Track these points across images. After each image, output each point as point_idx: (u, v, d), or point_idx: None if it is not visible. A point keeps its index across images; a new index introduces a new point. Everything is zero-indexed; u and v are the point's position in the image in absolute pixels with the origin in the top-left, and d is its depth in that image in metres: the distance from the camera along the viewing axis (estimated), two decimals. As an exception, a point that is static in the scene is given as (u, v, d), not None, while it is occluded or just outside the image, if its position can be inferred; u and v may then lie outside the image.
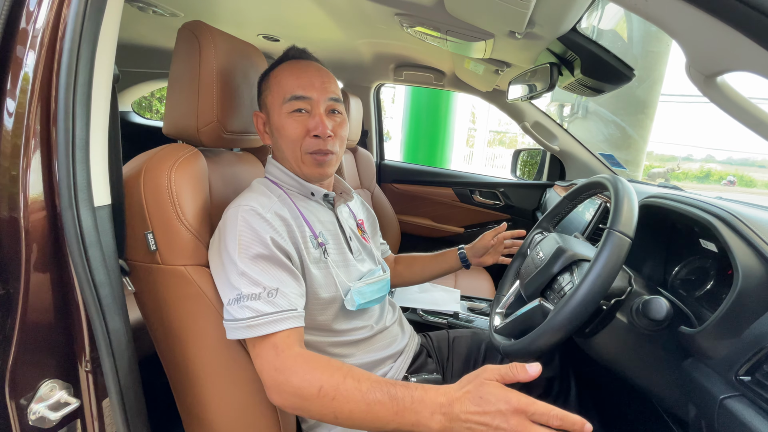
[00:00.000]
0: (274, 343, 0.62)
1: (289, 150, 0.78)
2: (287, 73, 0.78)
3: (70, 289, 0.56)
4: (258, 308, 0.62)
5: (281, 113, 0.76)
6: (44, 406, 0.55)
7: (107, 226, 0.58)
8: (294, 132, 0.76)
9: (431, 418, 0.52)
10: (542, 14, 0.85)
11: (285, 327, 0.62)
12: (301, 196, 0.82)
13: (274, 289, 0.64)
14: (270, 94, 0.79)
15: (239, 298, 0.63)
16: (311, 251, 0.74)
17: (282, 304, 0.63)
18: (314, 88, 0.76)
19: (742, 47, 0.41)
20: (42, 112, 0.53)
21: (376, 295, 0.84)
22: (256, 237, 0.66)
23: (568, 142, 1.94)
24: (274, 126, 0.79)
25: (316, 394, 0.57)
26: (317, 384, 0.57)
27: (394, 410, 0.54)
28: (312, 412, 0.58)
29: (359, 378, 0.57)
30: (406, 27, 1.22)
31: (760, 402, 0.50)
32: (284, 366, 0.60)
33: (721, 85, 0.49)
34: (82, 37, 0.52)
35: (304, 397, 0.57)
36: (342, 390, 0.56)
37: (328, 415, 0.57)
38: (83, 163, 0.53)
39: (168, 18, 1.53)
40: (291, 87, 0.76)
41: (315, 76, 0.78)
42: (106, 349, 0.57)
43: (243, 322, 0.62)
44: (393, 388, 0.56)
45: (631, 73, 1.01)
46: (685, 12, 0.42)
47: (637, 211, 0.63)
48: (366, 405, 0.55)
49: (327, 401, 0.56)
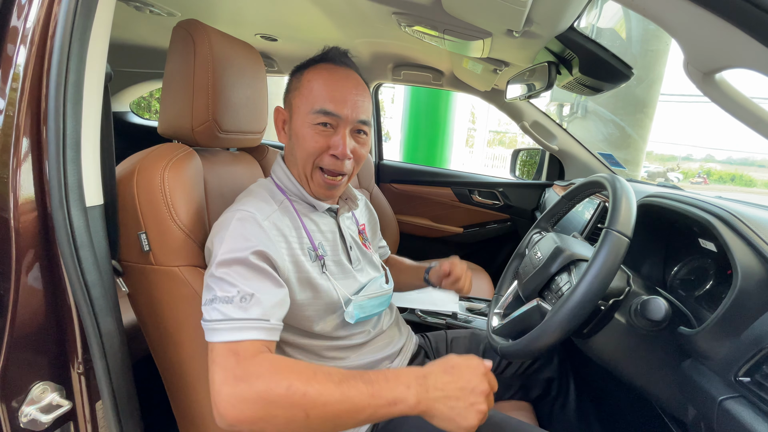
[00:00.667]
0: (235, 350, 0.55)
1: (302, 160, 0.74)
2: (322, 81, 0.72)
3: (61, 291, 0.55)
4: (226, 312, 0.57)
5: (305, 121, 0.72)
6: (36, 409, 0.54)
7: (99, 226, 0.58)
8: (313, 146, 0.72)
9: (407, 391, 0.52)
10: (540, 12, 0.85)
11: (249, 337, 0.56)
12: (303, 203, 0.79)
13: (248, 294, 0.59)
14: (298, 95, 0.74)
15: (213, 299, 0.58)
16: (309, 263, 0.72)
17: (253, 312, 0.58)
18: (347, 106, 0.71)
19: (741, 44, 0.41)
20: (32, 110, 0.52)
21: (376, 309, 0.82)
22: (244, 242, 0.62)
23: (567, 141, 1.93)
24: (294, 130, 0.75)
25: (284, 394, 0.51)
26: (285, 383, 0.52)
27: (369, 393, 0.52)
28: (277, 418, 0.51)
29: (329, 371, 0.55)
30: (404, 26, 1.22)
31: (759, 403, 0.50)
32: (247, 372, 0.53)
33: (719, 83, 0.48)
34: (72, 35, 0.52)
35: (269, 401, 0.51)
36: (314, 383, 0.52)
37: (298, 416, 0.51)
38: (74, 163, 0.52)
39: (165, 18, 1.53)
40: (323, 98, 0.71)
41: (350, 93, 0.72)
42: (98, 350, 0.56)
43: (208, 324, 0.57)
44: (366, 374, 0.55)
45: (629, 72, 1.01)
46: (682, 8, 0.41)
47: (636, 211, 0.63)
48: (340, 393, 0.52)
49: (297, 398, 0.51)
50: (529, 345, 0.65)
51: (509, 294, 0.89)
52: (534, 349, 0.64)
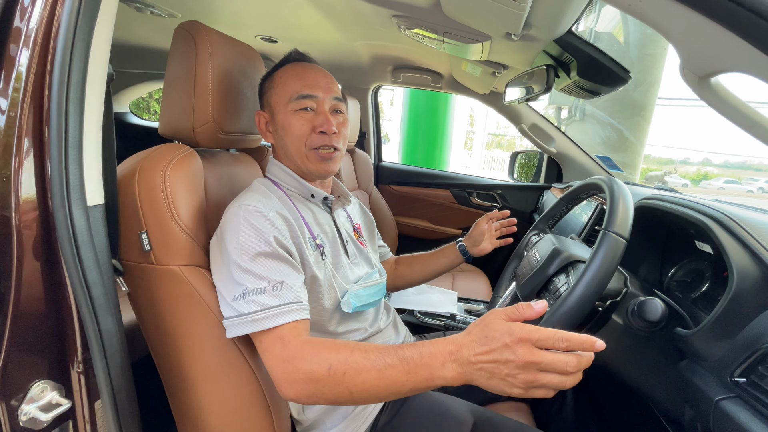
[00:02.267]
0: (280, 335, 0.61)
1: (294, 147, 0.79)
2: (292, 74, 0.80)
3: (62, 289, 0.55)
4: (263, 302, 0.62)
5: (287, 111, 0.78)
6: (35, 407, 0.54)
7: (100, 225, 0.58)
8: (300, 129, 0.78)
9: (443, 367, 0.52)
10: (538, 16, 0.86)
11: (291, 319, 0.62)
12: (300, 197, 0.82)
13: (279, 283, 0.64)
14: (275, 94, 0.80)
15: (245, 293, 0.62)
16: (310, 252, 0.75)
17: (287, 297, 0.64)
18: (319, 87, 0.79)
19: (736, 48, 0.41)
20: (35, 110, 0.52)
21: (372, 299, 0.84)
22: (258, 235, 0.66)
23: (565, 144, 1.94)
24: (279, 124, 0.80)
25: (326, 374, 0.56)
26: (326, 364, 0.57)
27: (406, 370, 0.54)
28: (326, 395, 0.57)
29: (366, 349, 0.57)
30: (404, 29, 1.23)
31: (755, 403, 0.50)
32: (291, 355, 0.59)
33: (714, 86, 0.49)
34: (75, 36, 0.52)
35: (315, 380, 0.57)
36: (351, 363, 0.56)
37: (343, 392, 0.56)
38: (76, 163, 0.52)
39: (165, 19, 1.53)
40: (297, 87, 0.78)
41: (320, 77, 0.81)
42: (98, 349, 0.56)
43: (248, 317, 0.62)
44: (401, 350, 0.55)
45: (627, 76, 1.02)
46: (678, 12, 0.42)
47: (633, 213, 0.63)
48: (378, 372, 0.55)
49: (338, 377, 0.55)
50: (527, 345, 0.65)
51: (507, 295, 0.90)
52: (532, 349, 0.64)
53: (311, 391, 0.57)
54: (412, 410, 0.80)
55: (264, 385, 0.71)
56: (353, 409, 0.77)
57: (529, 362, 0.46)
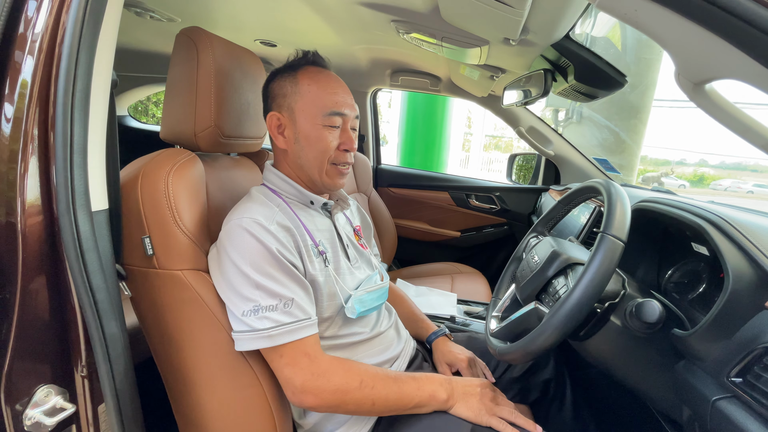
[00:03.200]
0: (305, 351, 0.67)
1: (316, 159, 0.79)
2: (323, 85, 0.79)
3: (66, 294, 0.56)
4: (277, 318, 0.65)
5: (316, 123, 0.77)
6: (40, 412, 0.54)
7: (104, 230, 0.58)
8: (330, 144, 0.78)
9: (440, 388, 0.75)
10: (536, 22, 0.87)
11: (305, 335, 0.67)
12: (300, 204, 0.82)
13: (289, 300, 0.67)
14: (301, 100, 0.78)
15: (257, 309, 0.65)
16: (313, 260, 0.75)
17: (298, 314, 0.68)
18: (347, 105, 0.80)
19: (729, 56, 0.43)
20: (40, 117, 0.53)
21: (375, 303, 0.84)
22: (264, 249, 0.67)
23: (562, 146, 1.96)
24: (303, 134, 0.78)
25: (357, 387, 0.68)
26: (358, 378, 0.69)
27: (416, 386, 0.73)
28: (349, 404, 0.68)
29: (386, 371, 0.74)
30: (402, 33, 1.24)
31: (751, 403, 0.51)
32: (322, 369, 0.67)
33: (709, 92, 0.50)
34: (81, 43, 0.53)
35: (345, 392, 0.67)
36: (378, 379, 0.70)
37: (366, 404, 0.69)
38: (81, 168, 0.53)
39: (165, 23, 1.54)
40: (331, 102, 0.78)
41: (348, 95, 0.81)
42: (102, 354, 0.57)
43: (263, 332, 0.65)
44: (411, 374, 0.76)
45: (623, 80, 1.03)
46: (673, 21, 0.43)
47: (630, 215, 0.64)
48: (397, 388, 0.71)
49: (367, 391, 0.68)
50: (526, 347, 0.66)
51: (507, 297, 0.90)
52: (532, 351, 0.65)
53: (337, 401, 0.67)
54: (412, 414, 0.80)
55: (266, 388, 0.71)
56: (354, 413, 0.78)
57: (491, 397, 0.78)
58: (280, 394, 0.73)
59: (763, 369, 0.51)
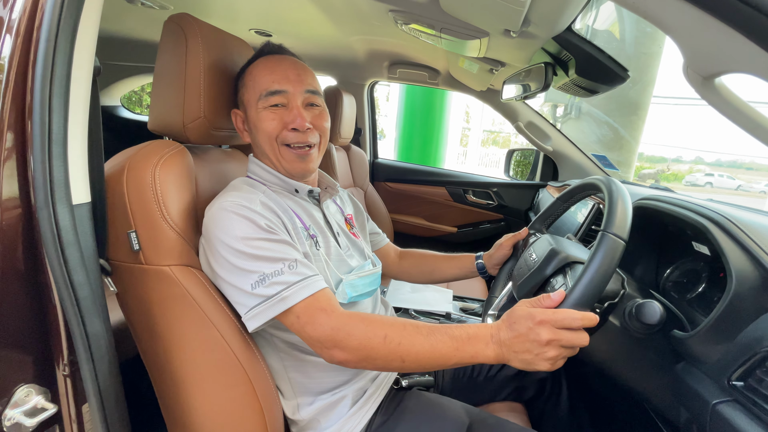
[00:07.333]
0: (320, 306, 0.63)
1: (267, 145, 0.77)
2: (262, 69, 0.77)
3: (46, 291, 0.53)
4: (286, 280, 0.63)
5: (257, 109, 0.75)
6: (20, 412, 0.52)
7: (87, 224, 0.56)
8: (270, 126, 0.75)
9: (486, 347, 0.61)
10: (538, 13, 0.84)
11: (317, 289, 0.64)
12: (285, 193, 0.80)
13: (293, 261, 0.65)
14: (246, 91, 0.77)
15: (263, 278, 0.63)
16: (303, 241, 0.73)
17: (305, 272, 0.65)
18: (289, 81, 0.75)
19: (741, 48, 0.41)
20: (17, 104, 0.50)
21: (367, 288, 0.82)
22: (252, 224, 0.65)
23: (561, 142, 1.94)
24: (251, 122, 0.78)
25: (381, 342, 0.61)
26: (381, 333, 0.62)
27: (454, 346, 0.61)
28: (377, 360, 0.62)
29: (416, 324, 0.64)
30: (401, 24, 1.21)
31: (753, 408, 0.50)
32: (341, 323, 0.62)
33: (718, 87, 0.48)
34: (60, 27, 0.50)
35: (371, 347, 0.61)
36: (405, 335, 0.62)
37: (395, 360, 0.62)
38: (60, 159, 0.50)
39: (158, 11, 1.50)
40: (266, 82, 0.75)
41: (290, 69, 0.77)
42: (84, 352, 0.55)
43: (275, 298, 0.62)
44: (449, 329, 0.63)
45: (625, 74, 1.01)
46: (683, 11, 0.41)
47: (632, 214, 0.63)
48: (430, 345, 0.61)
49: (393, 347, 0.61)
50: (524, 347, 0.64)
51: (503, 295, 0.89)
52: (529, 351, 0.64)
53: (362, 357, 0.62)
54: (407, 411, 0.79)
55: (257, 386, 0.69)
56: (349, 410, 0.76)
57: (552, 340, 0.56)
58: (270, 391, 0.72)
59: (766, 373, 0.50)
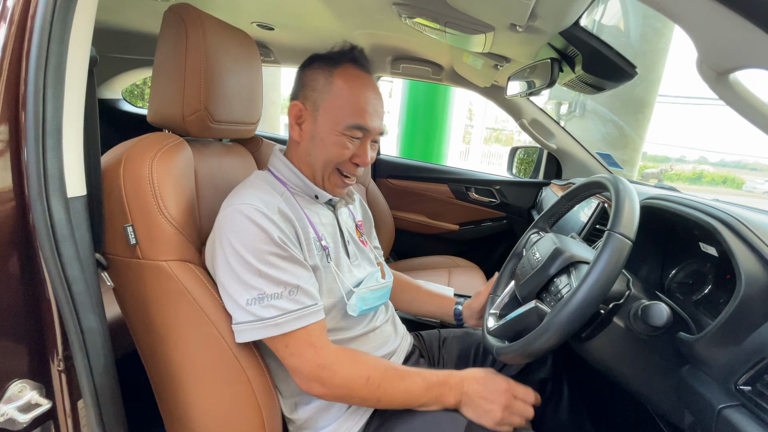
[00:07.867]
0: (310, 341, 0.65)
1: (322, 162, 0.76)
2: (355, 90, 0.74)
3: (40, 285, 0.52)
4: (283, 306, 0.64)
5: (335, 128, 0.73)
6: (13, 408, 0.52)
7: (82, 218, 0.55)
8: (341, 153, 0.75)
9: (450, 392, 0.71)
10: (545, 7, 0.83)
11: (312, 321, 0.65)
12: (305, 196, 0.79)
13: (294, 287, 0.65)
14: (329, 99, 0.74)
15: (261, 297, 0.63)
16: (314, 254, 0.73)
17: (305, 301, 0.66)
18: (375, 119, 0.76)
19: (759, 43, 0.39)
20: (10, 94, 0.49)
21: (378, 302, 0.83)
22: (266, 236, 0.64)
23: (565, 140, 1.92)
24: (319, 133, 0.75)
25: (364, 384, 0.66)
26: (365, 375, 0.66)
27: (424, 387, 0.69)
28: (354, 398, 0.67)
29: (395, 367, 0.71)
30: (405, 18, 1.19)
31: (760, 413, 0.49)
32: (328, 361, 0.65)
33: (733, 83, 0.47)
34: (54, 15, 0.49)
35: (352, 388, 0.66)
36: (386, 377, 0.68)
37: (372, 399, 0.67)
38: (54, 151, 0.49)
39: (159, 2, 1.48)
40: (358, 112, 0.73)
41: (378, 105, 0.77)
42: (79, 348, 0.54)
43: (269, 321, 0.63)
44: (421, 372, 0.71)
45: (633, 71, 0.99)
46: (700, 2, 0.39)
47: (639, 213, 0.61)
48: (404, 388, 0.68)
49: (374, 388, 0.66)
50: (526, 347, 0.63)
51: (506, 294, 0.88)
52: (532, 351, 0.63)
53: (344, 395, 0.66)
54: (406, 411, 0.78)
55: (254, 383, 0.68)
56: (346, 409, 0.75)
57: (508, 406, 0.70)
58: (268, 390, 0.71)
59: (775, 378, 0.48)
